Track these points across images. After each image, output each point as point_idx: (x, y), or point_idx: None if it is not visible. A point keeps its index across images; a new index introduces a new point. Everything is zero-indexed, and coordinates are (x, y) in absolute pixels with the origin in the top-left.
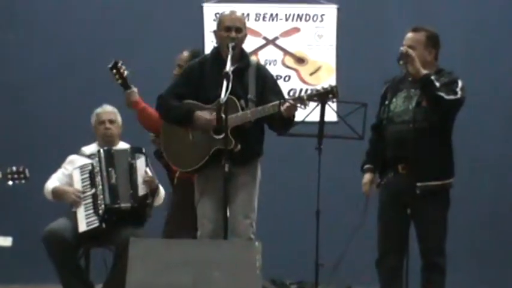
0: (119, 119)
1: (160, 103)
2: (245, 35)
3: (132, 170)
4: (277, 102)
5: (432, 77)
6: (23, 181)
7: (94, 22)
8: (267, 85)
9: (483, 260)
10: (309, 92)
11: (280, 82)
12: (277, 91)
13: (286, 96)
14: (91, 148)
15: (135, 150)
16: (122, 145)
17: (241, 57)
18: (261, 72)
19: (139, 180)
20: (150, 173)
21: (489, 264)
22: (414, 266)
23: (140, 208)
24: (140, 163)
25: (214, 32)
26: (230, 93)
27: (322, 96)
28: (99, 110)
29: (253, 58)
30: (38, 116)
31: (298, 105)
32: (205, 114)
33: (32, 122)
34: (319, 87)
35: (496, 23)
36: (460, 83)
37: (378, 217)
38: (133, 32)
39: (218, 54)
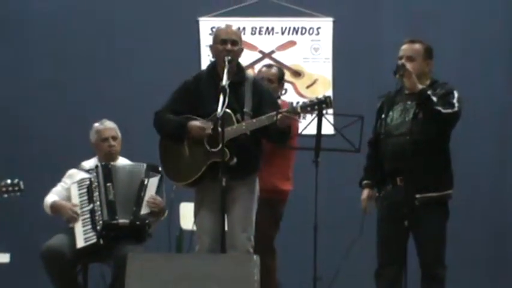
0: (119, 134)
1: (156, 119)
2: (241, 49)
3: (141, 186)
4: (272, 113)
5: (429, 92)
6: (18, 194)
7: (91, 36)
8: (264, 99)
9: (482, 272)
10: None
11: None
12: (274, 105)
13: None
14: (90, 163)
15: (151, 168)
16: (122, 160)
17: (238, 71)
18: (258, 86)
19: (147, 198)
20: (157, 195)
21: (489, 275)
22: (414, 277)
23: (140, 226)
24: (152, 182)
25: (210, 46)
26: (226, 107)
27: (315, 107)
28: (100, 126)
29: (249, 72)
30: (34, 129)
31: (295, 116)
32: (198, 123)
33: (29, 135)
34: (313, 98)
35: (490, 35)
36: (456, 94)
37: (377, 229)
38: (129, 46)
39: (214, 69)
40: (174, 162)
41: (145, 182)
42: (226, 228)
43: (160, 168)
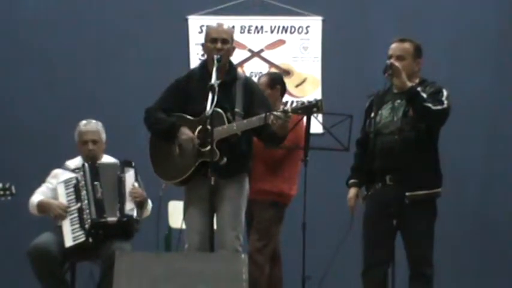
0: (103, 136)
1: (147, 116)
2: (233, 48)
3: (120, 183)
4: (262, 115)
5: (418, 89)
6: (9, 198)
7: (78, 34)
8: (255, 99)
9: (469, 271)
10: (294, 104)
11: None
12: (265, 105)
13: None
14: (75, 162)
15: (125, 164)
16: (106, 158)
17: (230, 70)
18: (249, 86)
19: (128, 193)
20: (137, 186)
21: (476, 274)
22: (401, 276)
23: (127, 222)
24: (129, 177)
25: (202, 44)
26: (217, 106)
27: (306, 110)
28: (82, 127)
29: (241, 71)
30: (21, 130)
31: (283, 117)
32: (189, 131)
33: (16, 135)
34: (305, 100)
35: (479, 35)
36: (445, 92)
37: (364, 228)
38: (118, 44)
39: (205, 67)
40: (164, 161)
41: (123, 178)
42: (215, 227)
43: (133, 163)
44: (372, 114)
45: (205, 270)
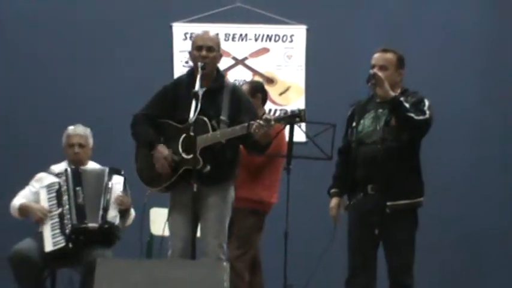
0: (90, 141)
1: (132, 124)
2: (219, 55)
3: (106, 190)
4: (246, 124)
5: (401, 99)
6: None
7: (63, 40)
8: (241, 107)
9: (450, 281)
10: (278, 112)
11: None
12: (252, 113)
13: None
14: (60, 166)
15: (113, 172)
16: (92, 165)
17: (217, 78)
18: (236, 94)
19: (112, 201)
20: (124, 195)
21: (458, 283)
22: (382, 287)
23: (109, 229)
24: (117, 184)
25: (189, 52)
26: (202, 114)
27: (289, 120)
28: (70, 131)
29: (229, 79)
30: (6, 132)
31: (266, 126)
32: (165, 150)
33: (1, 138)
34: (288, 109)
35: (462, 44)
36: (426, 102)
37: (348, 237)
38: (103, 51)
39: (193, 75)
40: (148, 168)
41: (110, 186)
42: (199, 235)
43: (122, 172)
44: (354, 124)
45: (186, 277)
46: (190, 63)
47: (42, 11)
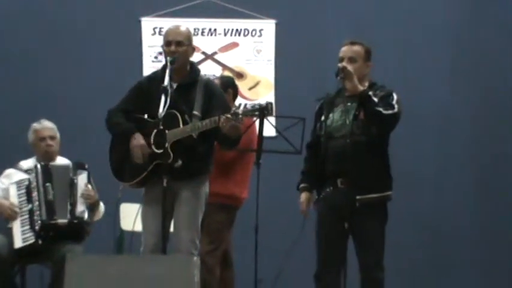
0: (58, 135)
1: (107, 118)
2: (191, 49)
3: (72, 185)
4: (214, 117)
5: (370, 93)
6: None
7: (32, 36)
8: (214, 101)
9: (420, 276)
10: (246, 107)
11: None
12: (224, 108)
13: None
14: (29, 163)
15: (78, 166)
16: (60, 160)
17: (190, 72)
18: (209, 89)
19: (79, 196)
20: (90, 189)
21: (427, 278)
22: (352, 280)
23: (78, 224)
24: (81, 179)
25: (161, 47)
26: (175, 108)
27: (256, 112)
28: (37, 126)
29: (203, 74)
30: None
31: (233, 119)
32: (141, 139)
33: None
34: (256, 103)
35: (430, 38)
36: (395, 96)
37: (316, 231)
38: (71, 46)
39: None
40: (121, 163)
41: (75, 181)
42: (172, 230)
43: (86, 166)
44: (323, 117)
45: (156, 272)
46: (160, 58)
47: (9, 9)
